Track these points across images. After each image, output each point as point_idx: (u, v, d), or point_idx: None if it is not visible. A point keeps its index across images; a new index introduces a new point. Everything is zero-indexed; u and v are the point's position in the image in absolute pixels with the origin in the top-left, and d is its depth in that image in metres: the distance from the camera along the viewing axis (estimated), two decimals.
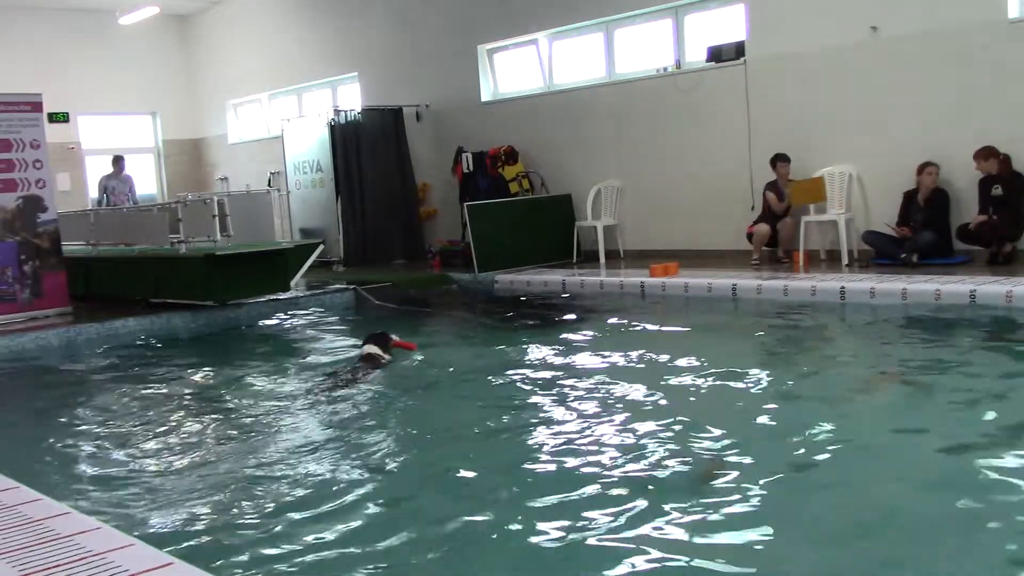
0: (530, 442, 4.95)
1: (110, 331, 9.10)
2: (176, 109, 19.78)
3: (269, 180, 15.77)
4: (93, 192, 18.69)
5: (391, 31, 15.00)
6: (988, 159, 8.78)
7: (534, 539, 3.64)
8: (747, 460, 4.37)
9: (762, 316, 8.33)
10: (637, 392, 5.74)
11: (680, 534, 3.58)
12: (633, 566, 3.34)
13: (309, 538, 3.76)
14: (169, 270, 10.14)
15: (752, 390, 5.70)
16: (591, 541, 3.57)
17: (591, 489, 4.11)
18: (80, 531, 3.24)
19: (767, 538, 3.50)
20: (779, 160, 10.38)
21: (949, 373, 5.84)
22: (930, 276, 8.24)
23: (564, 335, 7.82)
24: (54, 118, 16.40)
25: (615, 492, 4.05)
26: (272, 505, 4.18)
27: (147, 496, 4.41)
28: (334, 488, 4.35)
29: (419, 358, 7.30)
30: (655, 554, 3.42)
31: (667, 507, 3.83)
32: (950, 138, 9.21)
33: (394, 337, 7.24)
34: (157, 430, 5.68)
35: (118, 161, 15.90)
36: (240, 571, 3.51)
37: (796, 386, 5.89)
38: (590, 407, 5.48)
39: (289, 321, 9.78)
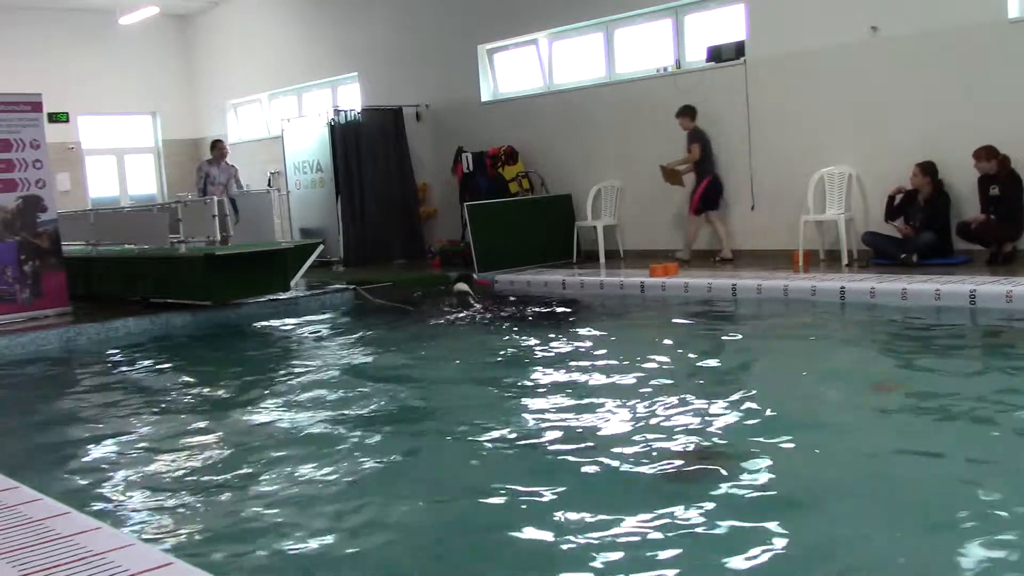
0: (525, 440, 4.96)
1: (110, 331, 9.10)
2: (176, 109, 19.79)
3: (269, 180, 15.77)
4: (94, 192, 18.74)
5: (391, 31, 15.00)
6: (989, 160, 8.77)
7: (522, 534, 3.65)
8: (739, 459, 4.37)
9: (761, 316, 8.33)
10: (631, 389, 5.74)
11: (670, 531, 3.59)
12: (625, 559, 3.35)
13: (310, 537, 3.77)
14: (169, 270, 10.15)
15: (750, 390, 5.70)
16: (581, 536, 3.58)
17: (580, 486, 4.12)
18: (80, 531, 3.24)
19: (759, 538, 3.51)
20: (678, 114, 10.83)
21: (947, 374, 5.84)
22: (930, 276, 8.24)
23: (563, 334, 7.82)
24: (54, 118, 16.37)
25: (604, 489, 4.06)
26: (272, 505, 4.18)
27: (147, 496, 4.42)
28: (334, 487, 4.36)
29: (422, 353, 7.37)
30: (646, 550, 3.42)
31: (660, 505, 3.84)
32: (950, 138, 9.19)
33: (475, 276, 9.37)
34: (157, 430, 5.69)
35: (217, 145, 13.88)
36: (240, 571, 3.52)
37: (794, 386, 5.89)
38: (587, 405, 5.48)
39: (289, 321, 9.77)
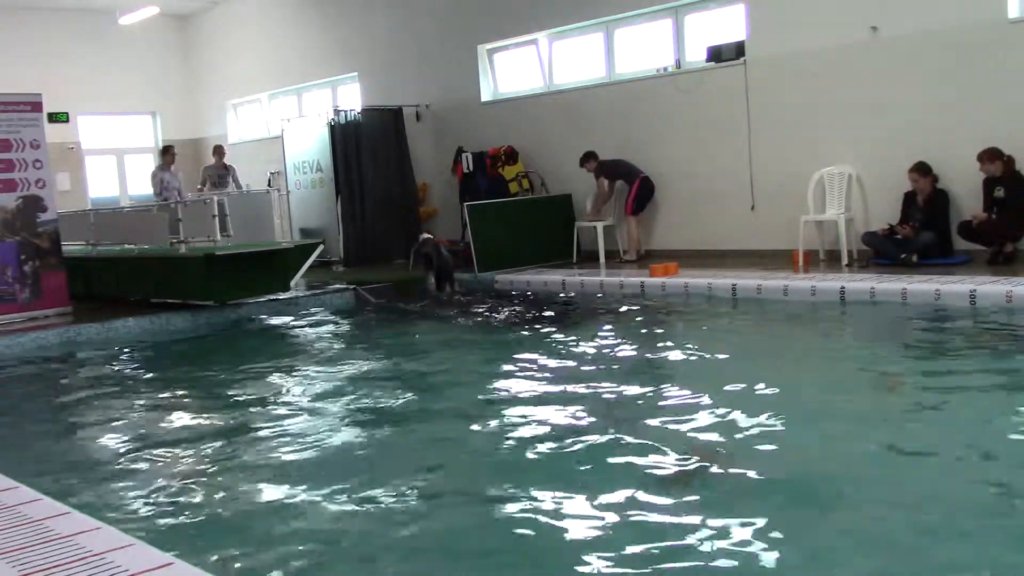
0: (522, 442, 4.96)
1: (110, 331, 9.11)
2: (176, 109, 19.79)
3: (269, 180, 15.76)
4: (94, 192, 18.75)
5: (391, 31, 15.00)
6: (993, 161, 8.75)
7: (518, 536, 3.65)
8: (741, 458, 4.37)
9: (761, 316, 8.33)
10: (629, 390, 5.75)
11: (662, 534, 3.59)
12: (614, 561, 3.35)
13: (311, 537, 3.77)
14: (169, 270, 10.15)
15: (748, 391, 5.69)
16: (575, 538, 3.58)
17: (575, 487, 4.11)
18: (80, 531, 3.24)
19: (751, 541, 3.51)
20: (580, 164, 11.82)
21: (947, 374, 5.84)
22: (930, 276, 8.24)
23: (562, 333, 7.82)
24: (54, 118, 16.38)
25: (600, 489, 4.05)
26: (273, 505, 4.18)
27: (147, 496, 4.41)
28: (335, 487, 4.35)
29: (421, 352, 7.33)
30: (635, 551, 3.42)
31: (654, 505, 3.84)
32: (950, 138, 9.20)
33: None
34: (157, 430, 5.69)
35: (168, 151, 14.89)
36: (240, 571, 3.52)
37: (792, 387, 5.89)
38: (585, 405, 5.49)
39: (289, 321, 9.77)
